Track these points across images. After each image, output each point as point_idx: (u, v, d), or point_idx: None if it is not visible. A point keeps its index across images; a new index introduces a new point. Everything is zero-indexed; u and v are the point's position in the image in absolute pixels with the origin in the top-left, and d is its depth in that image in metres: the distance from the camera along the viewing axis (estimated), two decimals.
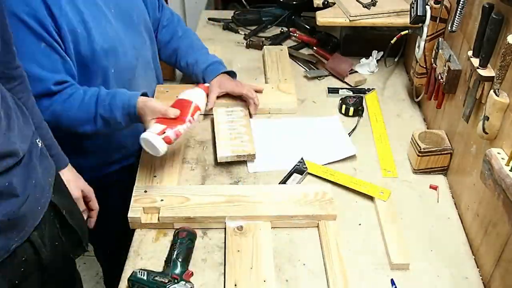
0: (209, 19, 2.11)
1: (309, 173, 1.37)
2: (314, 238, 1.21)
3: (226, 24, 2.05)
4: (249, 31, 2.02)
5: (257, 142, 1.44)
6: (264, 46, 1.90)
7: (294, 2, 2.06)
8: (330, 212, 1.22)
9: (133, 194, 1.24)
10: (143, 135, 1.19)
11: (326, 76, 1.78)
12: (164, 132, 1.19)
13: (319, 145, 1.47)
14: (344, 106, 1.59)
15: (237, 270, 1.10)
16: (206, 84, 1.47)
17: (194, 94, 1.32)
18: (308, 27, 1.99)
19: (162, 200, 1.22)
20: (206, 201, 1.23)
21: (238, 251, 1.13)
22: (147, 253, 1.16)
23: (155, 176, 1.31)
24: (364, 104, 1.63)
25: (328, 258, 1.14)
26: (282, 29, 2.03)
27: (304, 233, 1.22)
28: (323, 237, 1.18)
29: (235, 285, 1.07)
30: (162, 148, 1.18)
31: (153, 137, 1.17)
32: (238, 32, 2.03)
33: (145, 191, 1.24)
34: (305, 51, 1.92)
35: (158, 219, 1.20)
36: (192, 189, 1.27)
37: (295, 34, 1.98)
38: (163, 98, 1.53)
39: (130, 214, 1.19)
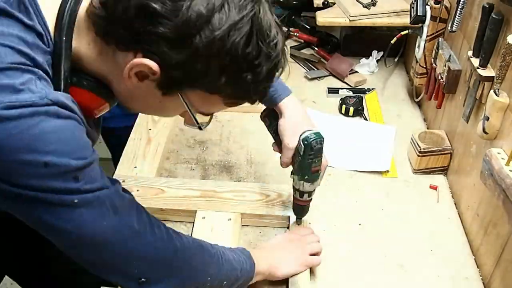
0: None
1: None
2: None
3: None
4: None
5: None
6: None
7: (294, 2, 2.06)
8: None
9: None
10: None
11: (326, 76, 1.78)
12: None
13: (357, 150, 1.46)
14: (344, 106, 1.59)
15: None
16: None
17: None
18: (308, 27, 1.99)
19: (138, 190, 1.23)
20: (181, 194, 1.24)
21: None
22: None
23: (135, 167, 1.33)
24: (364, 104, 1.64)
25: None
26: None
27: (275, 233, 1.22)
28: None
29: None
30: None
31: None
32: None
33: (123, 181, 1.25)
34: (306, 51, 1.92)
35: None
36: (169, 181, 1.28)
37: (296, 34, 1.98)
38: None
39: None
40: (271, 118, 1.14)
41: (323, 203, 1.30)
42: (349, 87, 1.73)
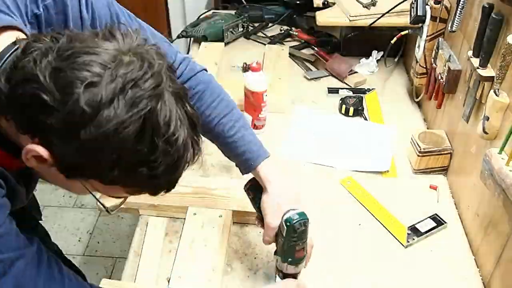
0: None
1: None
2: None
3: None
4: (252, 27, 2.02)
5: (294, 128, 1.53)
6: (266, 45, 1.91)
7: (298, 2, 2.06)
8: None
9: None
10: None
11: (325, 76, 1.79)
12: (255, 124, 1.48)
13: (357, 150, 1.46)
14: (344, 106, 1.59)
15: (187, 260, 1.11)
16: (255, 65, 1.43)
17: (257, 81, 1.44)
18: (306, 27, 1.99)
19: None
20: (173, 190, 1.23)
21: (192, 241, 1.15)
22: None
23: None
24: (364, 104, 1.64)
25: None
26: (281, 28, 2.03)
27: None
28: None
29: (180, 276, 1.08)
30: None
31: None
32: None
33: None
34: (306, 51, 1.92)
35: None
36: None
37: (295, 33, 1.98)
38: None
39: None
40: (255, 190, 1.06)
41: (323, 203, 1.30)
42: (349, 87, 1.73)
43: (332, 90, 1.71)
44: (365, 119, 1.59)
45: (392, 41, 1.55)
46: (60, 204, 2.74)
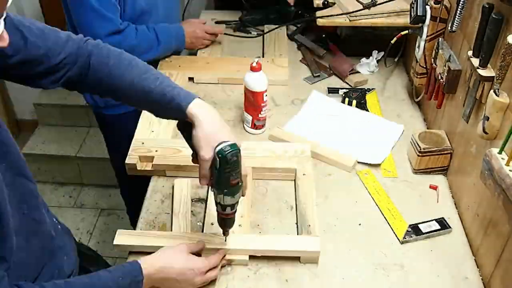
0: (216, 22, 2.11)
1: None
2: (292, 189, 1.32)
3: (238, 27, 2.06)
4: (258, 30, 2.03)
5: (305, 110, 1.61)
6: (265, 25, 2.02)
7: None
8: (306, 166, 1.33)
9: (132, 145, 1.39)
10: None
11: (325, 78, 1.79)
12: (255, 124, 1.51)
13: (358, 140, 1.48)
14: (347, 99, 1.62)
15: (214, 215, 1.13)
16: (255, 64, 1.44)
17: (257, 81, 1.45)
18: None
19: (156, 150, 1.36)
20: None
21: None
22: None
23: (152, 131, 1.46)
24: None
25: (299, 203, 1.23)
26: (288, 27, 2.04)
27: (282, 184, 1.34)
28: (298, 188, 1.29)
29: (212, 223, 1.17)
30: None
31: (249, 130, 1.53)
32: (250, 33, 2.03)
33: (143, 143, 1.39)
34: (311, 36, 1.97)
35: (152, 166, 1.34)
36: (184, 142, 1.30)
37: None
38: (167, 66, 1.77)
39: (127, 161, 1.34)
40: (189, 127, 1.03)
41: (323, 203, 1.30)
42: (349, 87, 1.73)
43: (332, 90, 1.71)
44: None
45: (392, 41, 1.55)
46: (60, 204, 2.74)
